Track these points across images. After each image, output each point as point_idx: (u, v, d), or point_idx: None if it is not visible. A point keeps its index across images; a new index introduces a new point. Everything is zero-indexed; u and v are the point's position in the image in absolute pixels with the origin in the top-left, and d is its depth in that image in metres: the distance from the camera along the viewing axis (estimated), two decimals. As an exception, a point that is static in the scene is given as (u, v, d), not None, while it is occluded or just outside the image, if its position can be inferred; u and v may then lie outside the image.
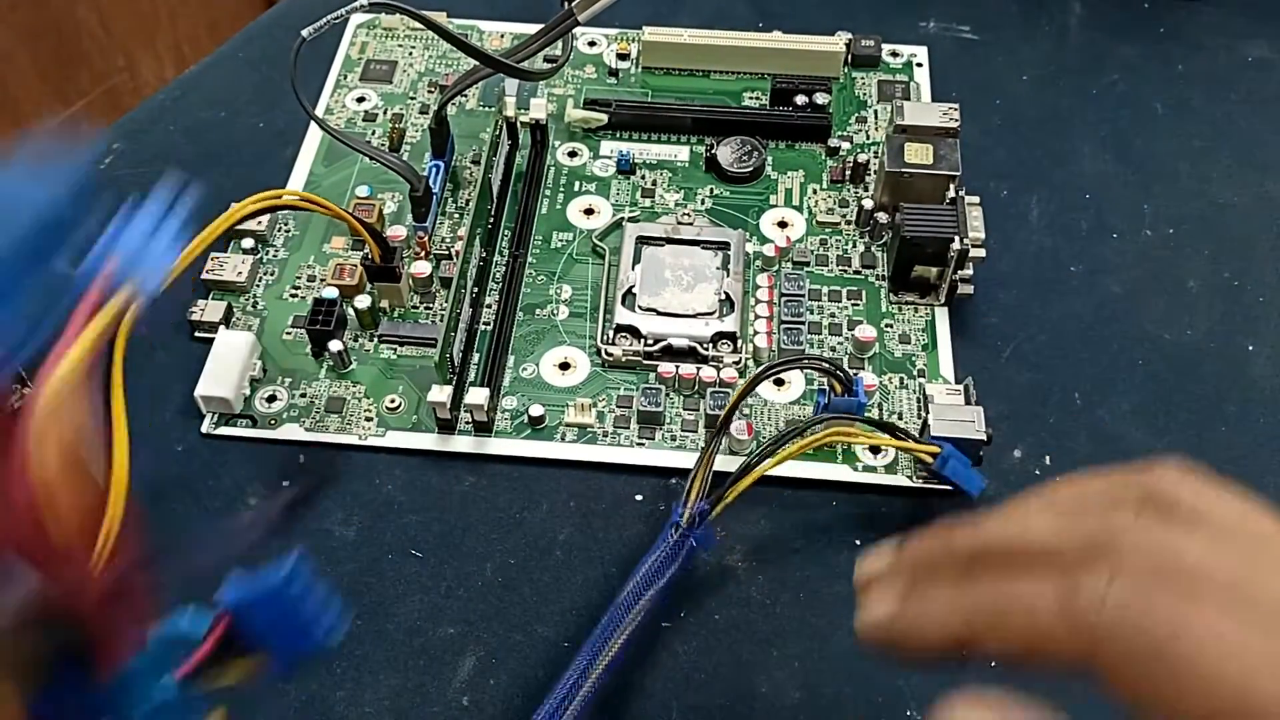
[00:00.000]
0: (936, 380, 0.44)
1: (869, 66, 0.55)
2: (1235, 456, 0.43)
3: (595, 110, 0.51)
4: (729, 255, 0.47)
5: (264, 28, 0.59)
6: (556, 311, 0.46)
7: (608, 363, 0.44)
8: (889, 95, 0.54)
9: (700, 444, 0.42)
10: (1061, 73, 0.56)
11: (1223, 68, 0.57)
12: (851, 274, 0.48)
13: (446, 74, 0.54)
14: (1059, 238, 0.50)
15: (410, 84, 0.54)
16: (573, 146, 0.51)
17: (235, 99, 0.54)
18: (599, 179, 0.50)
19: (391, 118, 0.52)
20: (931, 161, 0.46)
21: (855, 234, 0.49)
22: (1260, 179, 0.52)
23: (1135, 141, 0.53)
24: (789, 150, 0.52)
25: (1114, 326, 0.47)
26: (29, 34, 1.00)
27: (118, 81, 1.09)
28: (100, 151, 0.52)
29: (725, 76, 0.55)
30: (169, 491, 0.41)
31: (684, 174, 0.51)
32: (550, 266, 0.47)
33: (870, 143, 0.52)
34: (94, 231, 0.25)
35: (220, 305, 0.45)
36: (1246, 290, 0.48)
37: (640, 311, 0.45)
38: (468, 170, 0.50)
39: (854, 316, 0.46)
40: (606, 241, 0.48)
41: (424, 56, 0.55)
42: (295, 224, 0.48)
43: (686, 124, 0.52)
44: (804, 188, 0.50)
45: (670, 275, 0.46)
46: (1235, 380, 0.45)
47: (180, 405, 0.43)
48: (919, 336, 0.46)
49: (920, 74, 0.55)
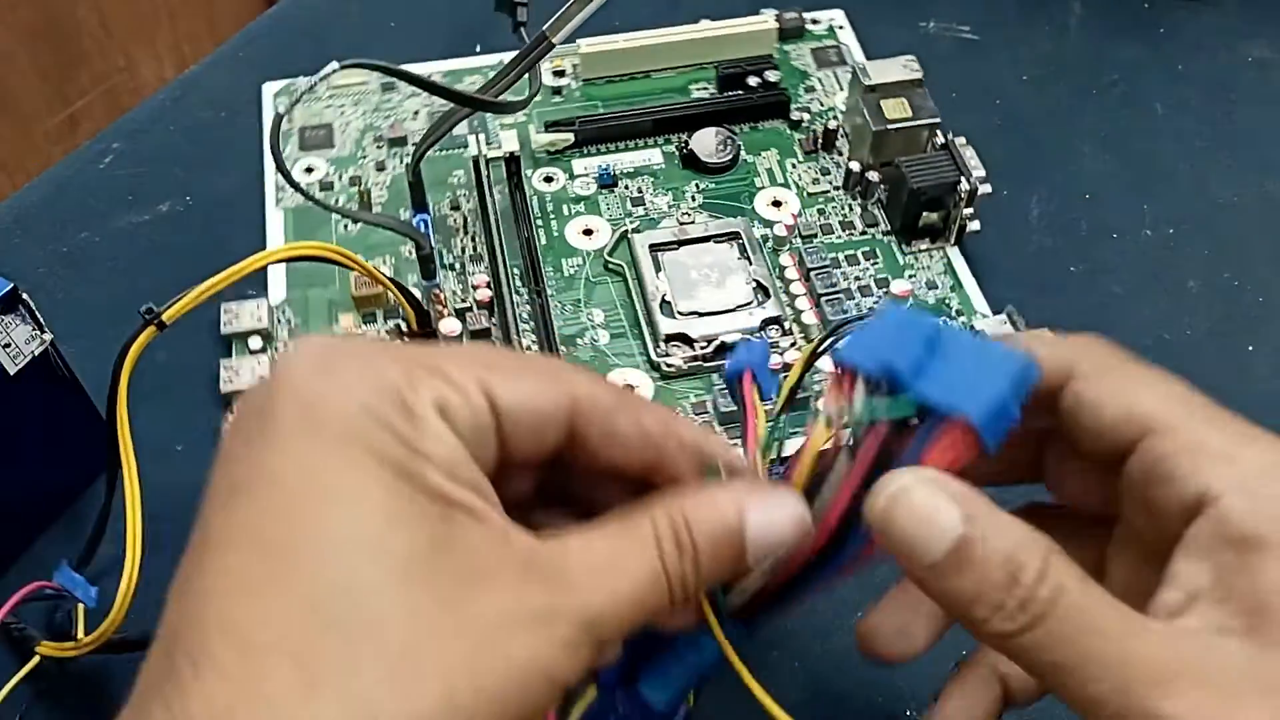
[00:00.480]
0: (974, 316, 0.46)
1: (796, 38, 0.56)
2: (1235, 456, 0.43)
3: (560, 131, 0.51)
4: (744, 243, 0.47)
5: (264, 28, 0.59)
6: (596, 337, 0.45)
7: (668, 375, 0.44)
8: (826, 61, 0.55)
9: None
10: (1061, 73, 0.56)
11: (1223, 68, 0.57)
12: (859, 236, 0.49)
13: (392, 124, 0.52)
14: (1059, 238, 0.50)
15: (354, 144, 0.51)
16: (546, 172, 0.50)
17: (235, 99, 0.54)
18: (584, 198, 0.50)
19: (350, 181, 0.50)
20: (911, 114, 0.48)
21: (846, 198, 0.50)
22: (1260, 179, 0.52)
23: (1135, 141, 0.54)
24: (754, 132, 0.53)
25: (1114, 326, 0.47)
26: (29, 34, 1.00)
27: (118, 81, 1.09)
28: (100, 151, 0.52)
29: (666, 73, 0.55)
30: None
31: (664, 175, 0.51)
32: (573, 295, 0.47)
33: (828, 109, 0.53)
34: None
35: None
36: (1246, 290, 0.48)
37: (682, 317, 0.45)
38: (450, 219, 0.49)
39: (877, 275, 0.47)
40: (617, 257, 0.47)
41: (357, 113, 0.52)
42: (294, 311, 0.46)
43: (647, 127, 0.52)
44: (782, 164, 0.51)
45: (697, 275, 0.46)
46: (1235, 380, 0.45)
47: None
48: (943, 280, 0.47)
49: (845, 35, 0.57)
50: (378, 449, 0.21)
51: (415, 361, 0.22)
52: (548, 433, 0.24)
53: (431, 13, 0.58)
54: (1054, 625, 0.21)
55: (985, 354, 0.24)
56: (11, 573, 0.39)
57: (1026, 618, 0.21)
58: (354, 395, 0.21)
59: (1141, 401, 0.24)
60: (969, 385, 0.23)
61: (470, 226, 0.48)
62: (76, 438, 0.40)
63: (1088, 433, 0.25)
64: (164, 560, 0.38)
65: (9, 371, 0.35)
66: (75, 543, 0.37)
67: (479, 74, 0.54)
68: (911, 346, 0.23)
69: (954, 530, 0.21)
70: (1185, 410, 0.24)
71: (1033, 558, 0.21)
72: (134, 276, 0.47)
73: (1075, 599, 0.21)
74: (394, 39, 0.58)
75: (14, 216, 0.50)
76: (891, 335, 0.24)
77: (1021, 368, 0.23)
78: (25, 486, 0.39)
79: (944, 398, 0.23)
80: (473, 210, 0.49)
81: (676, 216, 0.48)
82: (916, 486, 0.22)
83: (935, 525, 0.21)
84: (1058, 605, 0.21)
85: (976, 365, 0.23)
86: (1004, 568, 0.21)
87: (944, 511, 0.21)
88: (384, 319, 0.45)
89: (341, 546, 0.20)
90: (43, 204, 0.50)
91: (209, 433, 0.43)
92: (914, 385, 0.23)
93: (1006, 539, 0.21)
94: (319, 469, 0.20)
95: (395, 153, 0.51)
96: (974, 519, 0.21)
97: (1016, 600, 0.21)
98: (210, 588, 0.20)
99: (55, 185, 0.51)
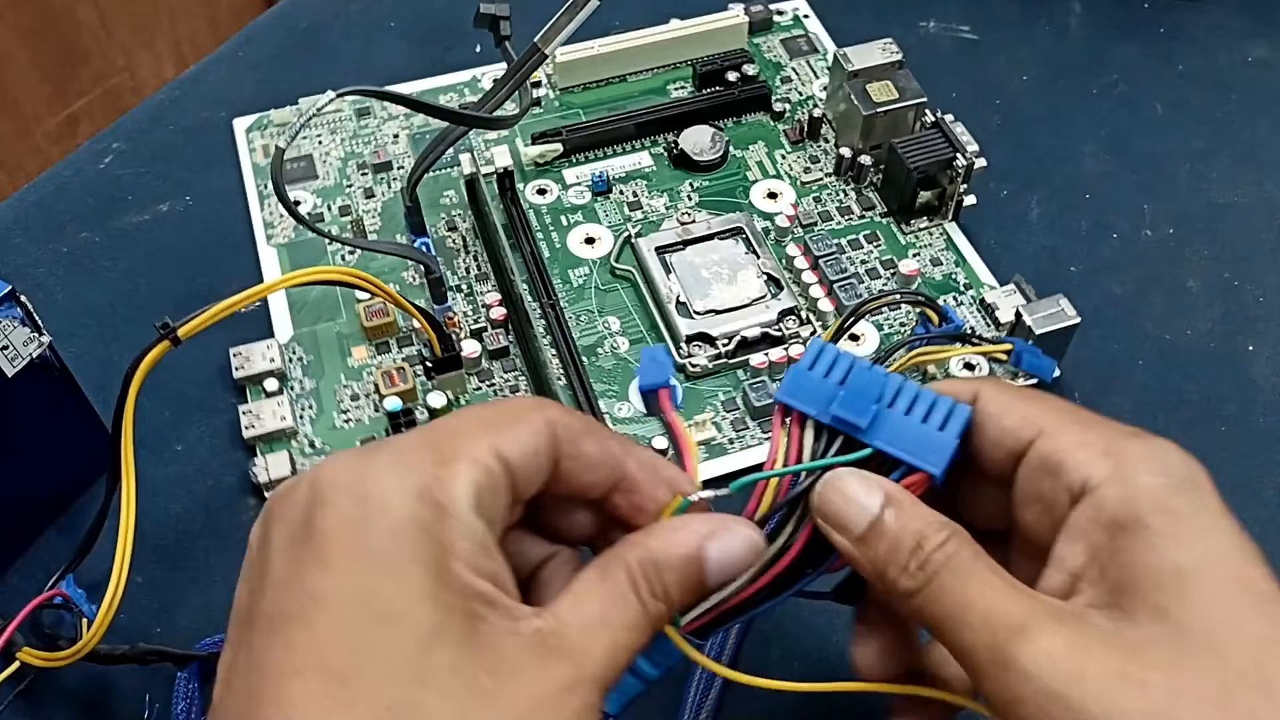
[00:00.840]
0: (981, 288, 0.47)
1: (764, 30, 0.57)
2: (1235, 456, 0.43)
3: (547, 142, 0.51)
4: (748, 238, 0.47)
5: (264, 28, 0.59)
6: (616, 345, 0.45)
7: (694, 375, 0.44)
8: (797, 51, 0.56)
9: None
10: (1061, 73, 0.56)
11: (1223, 68, 0.57)
12: (859, 220, 0.49)
13: (377, 150, 0.51)
14: (1059, 238, 0.50)
15: (337, 173, 0.50)
16: (538, 184, 0.50)
17: (235, 99, 0.54)
18: (580, 207, 0.50)
19: (340, 211, 0.49)
20: (898, 95, 0.49)
21: (840, 184, 0.50)
22: (1260, 179, 0.52)
23: (1135, 141, 0.53)
24: (738, 126, 0.53)
25: (1114, 326, 0.47)
26: (29, 34, 1.00)
27: (118, 81, 1.09)
28: (100, 151, 0.52)
29: (643, 76, 0.55)
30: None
31: (657, 177, 0.51)
32: (585, 305, 0.46)
33: (806, 98, 0.54)
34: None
35: (281, 457, 0.41)
36: (1246, 290, 0.48)
37: (700, 316, 0.45)
38: (449, 240, 0.48)
39: (882, 257, 0.48)
40: (623, 262, 0.47)
41: (335, 141, 0.51)
42: (305, 349, 0.45)
43: (630, 130, 0.51)
44: (771, 156, 0.52)
45: (708, 274, 0.46)
46: (1235, 380, 0.45)
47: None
48: (945, 256, 0.48)
49: (810, 24, 0.57)
50: (418, 558, 0.23)
51: (439, 452, 0.25)
52: (544, 468, 0.26)
53: (432, 12, 0.58)
54: (943, 580, 0.25)
55: (924, 401, 0.27)
56: (11, 573, 0.39)
57: (924, 575, 0.25)
58: (392, 509, 0.23)
59: (1036, 409, 0.28)
60: (922, 438, 0.27)
61: (471, 246, 0.48)
62: (75, 439, 0.40)
63: (990, 439, 0.28)
64: (150, 575, 0.38)
65: (7, 374, 0.35)
66: (73, 544, 0.37)
67: (453, 91, 0.54)
68: (864, 397, 0.27)
69: (874, 509, 0.26)
70: (1073, 415, 0.27)
71: (937, 533, 0.25)
72: (134, 276, 0.47)
73: (964, 561, 0.25)
74: (394, 39, 0.58)
75: (14, 216, 0.50)
76: (820, 380, 0.28)
77: (964, 418, 0.27)
78: (23, 488, 0.38)
79: (906, 454, 0.27)
80: (470, 229, 0.48)
81: (676, 217, 0.48)
82: (848, 476, 0.27)
83: (859, 504, 0.26)
84: (947, 565, 0.25)
85: (922, 413, 0.27)
86: (913, 538, 0.25)
87: (867, 495, 0.26)
88: (397, 347, 0.45)
89: (397, 669, 0.22)
90: (43, 204, 0.50)
91: (209, 432, 0.43)
92: (872, 440, 0.27)
93: (918, 520, 0.26)
94: (369, 591, 0.23)
95: (382, 178, 0.50)
96: (893, 502, 0.26)
97: (917, 561, 0.25)
98: (282, 716, 0.22)
99: (55, 185, 0.51)
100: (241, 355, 0.43)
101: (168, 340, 0.34)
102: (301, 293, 0.46)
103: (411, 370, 0.43)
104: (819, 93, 0.54)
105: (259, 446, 0.42)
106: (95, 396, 0.40)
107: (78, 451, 0.40)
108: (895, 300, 0.44)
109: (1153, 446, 0.26)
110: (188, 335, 0.34)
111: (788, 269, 0.47)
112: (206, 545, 0.40)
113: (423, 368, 0.43)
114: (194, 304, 0.46)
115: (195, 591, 0.39)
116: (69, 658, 0.34)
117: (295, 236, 0.48)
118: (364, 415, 0.43)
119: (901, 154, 0.47)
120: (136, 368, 0.34)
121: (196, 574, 0.39)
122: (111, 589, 0.33)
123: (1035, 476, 0.27)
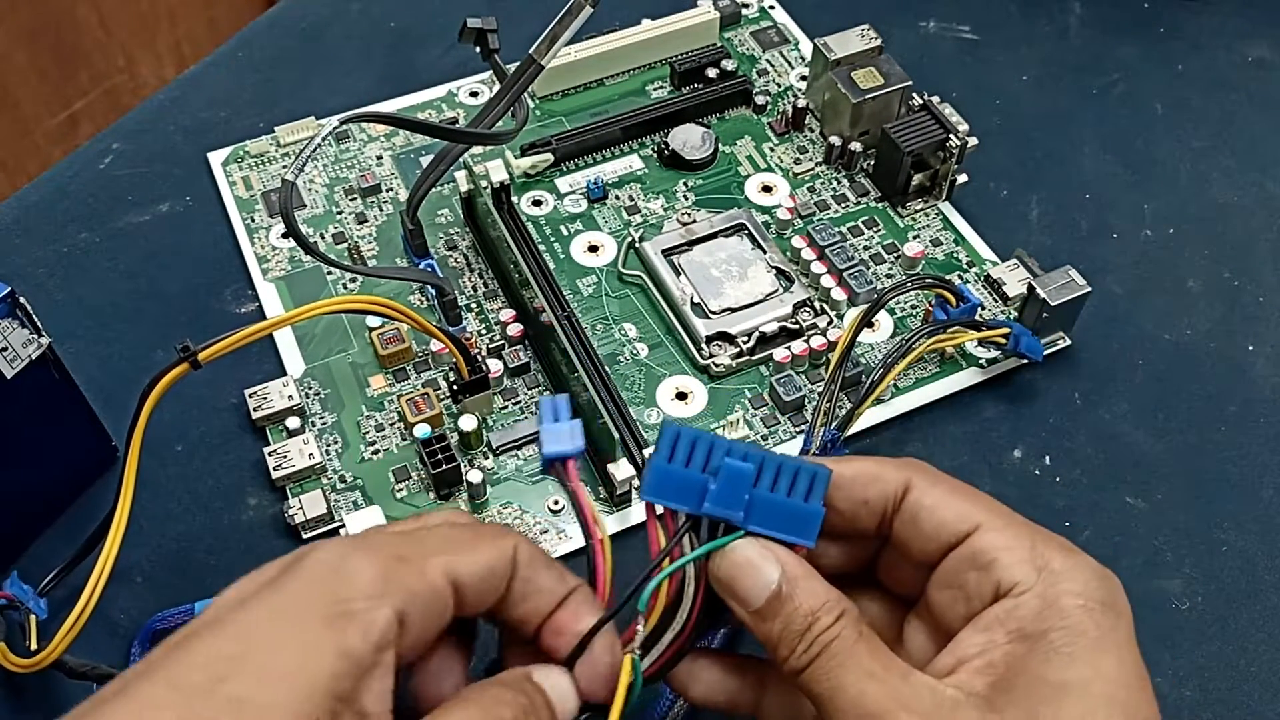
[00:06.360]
0: (984, 264, 0.48)
1: (734, 24, 0.57)
2: (1235, 456, 0.43)
3: (538, 152, 0.50)
4: (752, 233, 0.47)
5: (264, 28, 0.59)
6: (636, 351, 0.45)
7: (717, 375, 0.44)
8: (769, 43, 0.56)
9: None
10: (1061, 73, 0.56)
11: (1223, 68, 0.57)
12: (855, 207, 0.50)
13: (364, 174, 0.50)
14: (1059, 238, 0.50)
15: (325, 199, 0.49)
16: (533, 195, 0.50)
17: (235, 99, 0.54)
18: (578, 215, 0.49)
19: (335, 238, 0.48)
20: (883, 81, 0.49)
21: (831, 172, 0.51)
22: (1260, 179, 0.52)
23: (1135, 141, 0.53)
24: (722, 122, 0.53)
25: (1114, 326, 0.47)
26: (29, 34, 1.00)
27: (118, 81, 1.09)
28: (100, 151, 0.52)
29: (620, 78, 0.54)
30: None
31: (650, 179, 0.51)
32: (599, 314, 0.46)
33: (785, 89, 0.54)
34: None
35: (315, 496, 0.40)
36: (1246, 290, 0.48)
37: (716, 316, 0.45)
38: (450, 259, 0.47)
39: (883, 241, 0.48)
40: (630, 267, 0.47)
41: (316, 167, 0.50)
42: (320, 383, 0.44)
43: (618, 134, 0.51)
44: (759, 149, 0.52)
45: (718, 272, 0.46)
46: (1235, 380, 0.45)
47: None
48: (944, 235, 0.49)
49: (778, 14, 0.58)
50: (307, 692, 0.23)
51: (395, 556, 0.26)
52: (497, 589, 0.27)
53: (431, 12, 0.58)
54: (825, 661, 0.26)
55: (786, 474, 0.28)
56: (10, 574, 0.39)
57: (811, 655, 0.26)
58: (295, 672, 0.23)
59: (969, 506, 0.29)
60: (792, 514, 0.28)
61: (474, 264, 0.47)
62: (74, 440, 0.40)
63: (923, 531, 0.29)
64: (129, 589, 0.38)
65: (6, 375, 0.35)
66: (73, 545, 0.37)
67: (431, 108, 0.53)
68: (735, 488, 0.27)
69: (772, 583, 0.27)
70: (1006, 516, 0.29)
71: (829, 614, 0.27)
72: (134, 277, 0.47)
73: (847, 644, 0.26)
74: (394, 39, 0.58)
75: (14, 216, 0.49)
76: (683, 470, 0.28)
77: (825, 480, 0.28)
78: (23, 489, 0.38)
79: (781, 534, 0.28)
80: (470, 247, 0.48)
81: (676, 218, 0.48)
82: (748, 548, 0.27)
83: (760, 578, 0.27)
84: (831, 646, 0.26)
85: (786, 487, 0.28)
86: (806, 618, 0.27)
87: (766, 569, 0.27)
88: (415, 373, 0.44)
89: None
90: (43, 204, 0.50)
91: (208, 432, 0.43)
92: (747, 526, 0.28)
93: (814, 597, 0.27)
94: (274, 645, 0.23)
95: (372, 202, 0.49)
96: (790, 579, 0.27)
97: (807, 642, 0.26)
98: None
99: (55, 185, 0.51)
100: (259, 396, 0.42)
101: (187, 363, 0.34)
102: (308, 325, 0.45)
103: (435, 395, 0.42)
104: (797, 83, 0.54)
105: (289, 488, 0.41)
106: (94, 397, 0.40)
107: (77, 452, 0.40)
108: (922, 283, 0.43)
109: (1078, 565, 0.27)
110: (208, 359, 0.34)
111: (795, 261, 0.47)
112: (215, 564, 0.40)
113: (447, 391, 0.43)
114: (194, 304, 0.47)
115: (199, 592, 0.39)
116: (30, 666, 0.34)
117: (292, 269, 0.47)
118: (391, 445, 0.42)
119: (895, 138, 0.47)
120: (154, 387, 0.34)
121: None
122: (84, 599, 0.33)
123: (962, 567, 0.28)
